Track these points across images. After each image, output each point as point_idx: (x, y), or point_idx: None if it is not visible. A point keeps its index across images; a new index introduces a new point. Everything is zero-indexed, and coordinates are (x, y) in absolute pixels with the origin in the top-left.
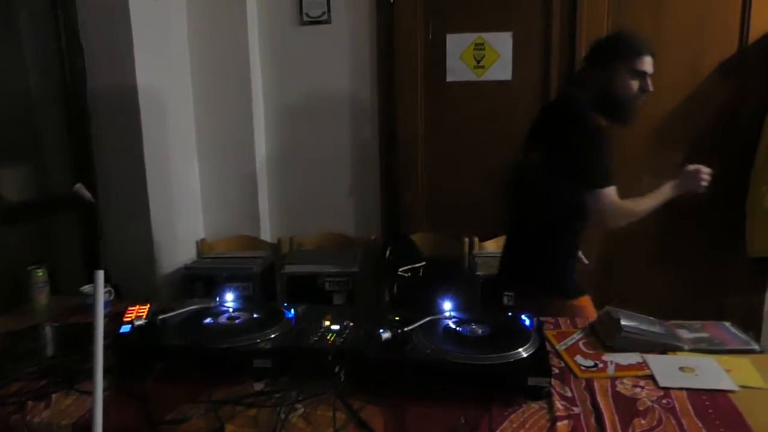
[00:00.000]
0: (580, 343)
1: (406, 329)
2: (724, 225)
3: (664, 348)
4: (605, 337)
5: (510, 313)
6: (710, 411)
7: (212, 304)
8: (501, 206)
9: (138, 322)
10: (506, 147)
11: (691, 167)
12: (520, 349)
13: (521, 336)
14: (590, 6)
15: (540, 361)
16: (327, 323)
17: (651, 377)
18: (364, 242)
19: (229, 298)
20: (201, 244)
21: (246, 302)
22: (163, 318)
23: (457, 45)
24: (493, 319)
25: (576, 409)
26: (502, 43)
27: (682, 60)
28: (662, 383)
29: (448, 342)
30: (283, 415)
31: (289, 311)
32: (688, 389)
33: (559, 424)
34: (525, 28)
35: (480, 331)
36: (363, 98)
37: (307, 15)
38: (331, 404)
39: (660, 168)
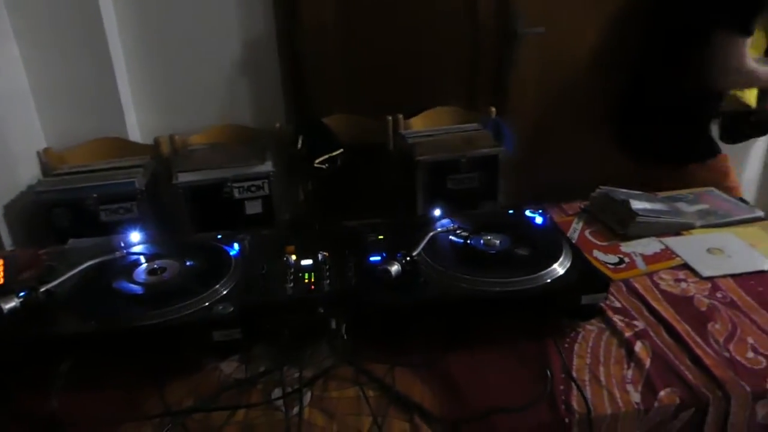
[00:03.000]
0: (587, 233)
1: (413, 256)
2: None
3: (678, 228)
4: (614, 223)
5: (511, 211)
6: None
7: (115, 254)
8: (435, 72)
9: (8, 303)
10: (429, 3)
11: None
12: (559, 260)
13: (548, 241)
14: None
15: (589, 272)
16: (293, 258)
17: (686, 267)
18: (268, 133)
19: (136, 239)
20: (45, 157)
21: (161, 242)
22: (48, 289)
23: None
24: (498, 221)
25: (639, 324)
26: None
27: None
28: (705, 273)
29: (469, 265)
30: (294, 410)
31: (231, 246)
32: (733, 275)
33: (636, 348)
34: None
35: (498, 243)
36: None
37: None
38: (350, 379)
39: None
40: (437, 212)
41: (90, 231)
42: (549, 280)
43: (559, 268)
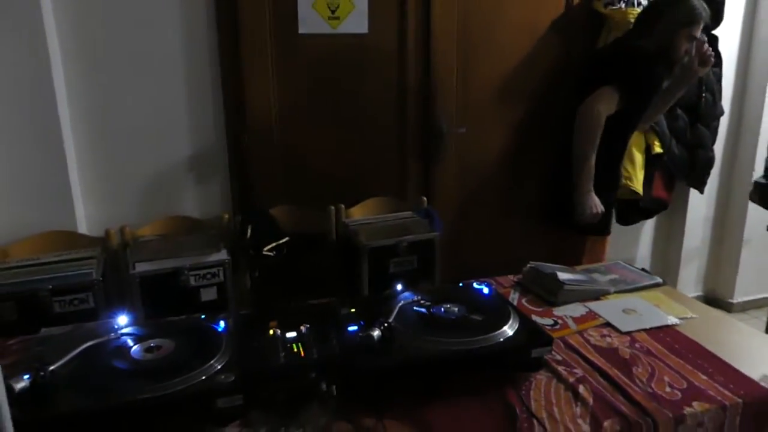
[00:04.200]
0: (524, 302)
1: (390, 322)
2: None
3: (597, 294)
4: (546, 293)
5: (461, 284)
6: (676, 346)
7: (109, 335)
8: (370, 167)
9: (18, 383)
10: (366, 106)
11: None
12: (509, 322)
13: (496, 308)
14: None
15: (535, 331)
16: (278, 332)
17: (608, 325)
18: (216, 224)
19: (123, 322)
20: None
21: (147, 325)
22: (54, 369)
23: None
24: (452, 293)
25: (578, 371)
26: None
27: (521, 19)
28: (624, 329)
29: (435, 329)
30: None
31: (217, 324)
32: (645, 330)
33: (580, 391)
34: None
35: (456, 310)
36: (199, 50)
37: None
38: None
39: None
40: (398, 287)
41: (41, 324)
42: (502, 339)
43: (509, 330)
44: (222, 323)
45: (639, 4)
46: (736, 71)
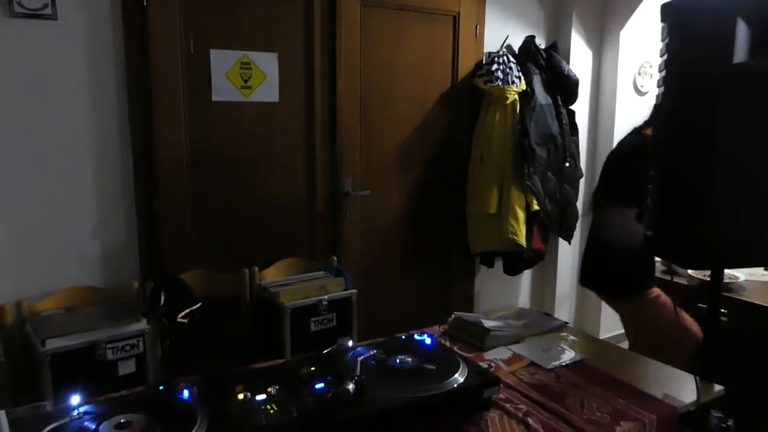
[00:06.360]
0: (456, 349)
1: (359, 377)
2: (452, 227)
3: (516, 338)
4: (474, 339)
5: (404, 337)
6: (593, 377)
7: (70, 417)
8: (281, 228)
9: None
10: (276, 171)
11: None
12: (459, 369)
13: (443, 356)
14: (347, 34)
15: (483, 373)
16: (248, 395)
17: (534, 364)
18: (124, 292)
19: (76, 401)
20: None
21: (105, 402)
22: None
23: (222, 62)
24: (399, 345)
25: (523, 406)
26: (268, 63)
27: (413, 93)
28: (548, 366)
29: (398, 380)
30: None
31: (181, 393)
32: (565, 365)
33: (531, 422)
34: (289, 50)
35: (410, 361)
36: (109, 115)
37: (20, 4)
38: None
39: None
40: (349, 343)
41: None
42: (456, 385)
43: (460, 376)
44: (186, 392)
45: (513, 82)
46: (587, 140)
